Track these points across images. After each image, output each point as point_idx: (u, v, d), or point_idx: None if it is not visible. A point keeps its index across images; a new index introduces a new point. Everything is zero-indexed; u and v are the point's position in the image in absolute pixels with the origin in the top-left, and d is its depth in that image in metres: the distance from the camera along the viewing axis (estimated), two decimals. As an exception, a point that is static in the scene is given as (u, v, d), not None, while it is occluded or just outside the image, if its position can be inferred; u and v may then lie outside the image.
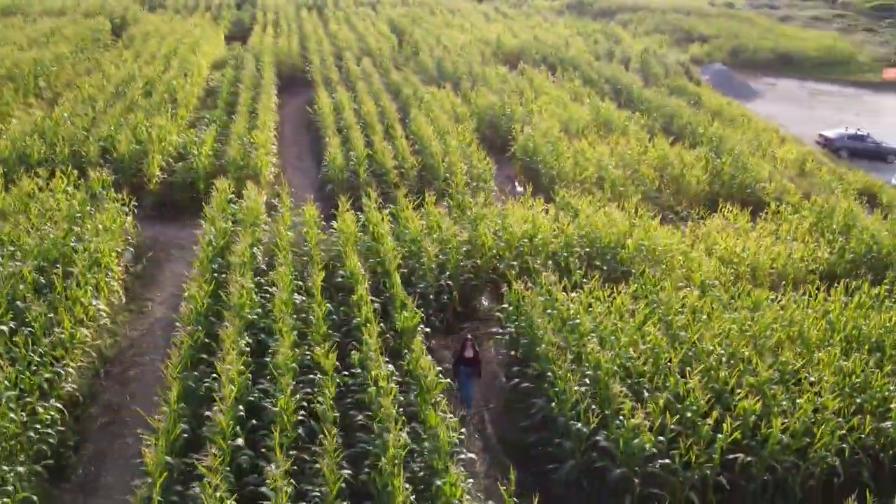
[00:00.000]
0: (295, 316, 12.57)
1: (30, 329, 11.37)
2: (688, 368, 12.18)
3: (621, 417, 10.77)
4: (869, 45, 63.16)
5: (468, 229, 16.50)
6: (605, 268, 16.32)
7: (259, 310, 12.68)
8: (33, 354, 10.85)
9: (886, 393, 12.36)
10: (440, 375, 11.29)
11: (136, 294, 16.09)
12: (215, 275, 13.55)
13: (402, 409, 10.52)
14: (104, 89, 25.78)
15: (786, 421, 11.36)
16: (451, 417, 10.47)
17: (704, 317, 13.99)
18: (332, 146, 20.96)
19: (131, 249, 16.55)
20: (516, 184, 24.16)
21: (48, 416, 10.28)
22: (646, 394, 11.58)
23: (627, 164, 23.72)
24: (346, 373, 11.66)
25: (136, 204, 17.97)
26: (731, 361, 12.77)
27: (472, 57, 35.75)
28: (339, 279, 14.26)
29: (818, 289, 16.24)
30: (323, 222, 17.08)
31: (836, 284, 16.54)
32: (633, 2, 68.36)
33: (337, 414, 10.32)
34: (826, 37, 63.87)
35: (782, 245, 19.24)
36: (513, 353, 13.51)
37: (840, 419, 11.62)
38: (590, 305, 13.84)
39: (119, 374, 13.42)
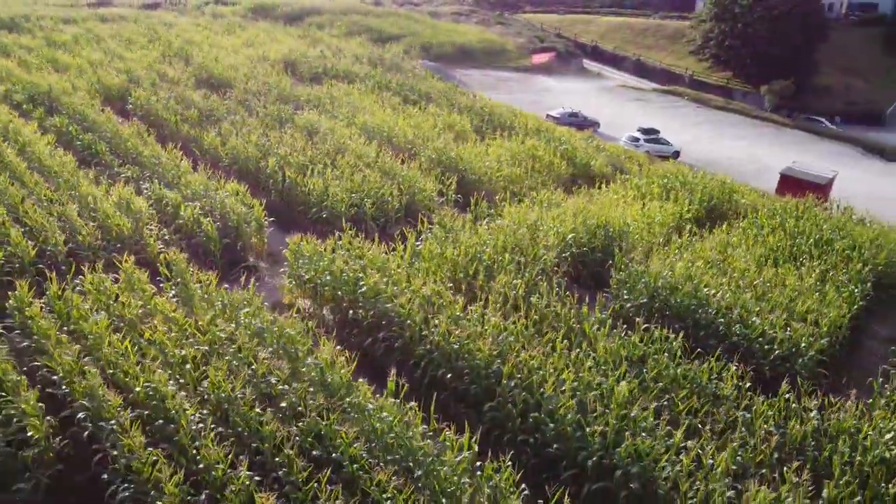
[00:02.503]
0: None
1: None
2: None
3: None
4: (508, 35, 76.80)
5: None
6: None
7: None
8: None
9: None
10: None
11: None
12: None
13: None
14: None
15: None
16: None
17: (721, 259, 19.81)
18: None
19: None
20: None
21: None
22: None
23: (511, 160, 28.30)
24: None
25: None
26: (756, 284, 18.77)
27: (279, 77, 35.95)
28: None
29: (723, 230, 23.42)
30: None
31: (707, 228, 23.95)
32: (309, 4, 71.55)
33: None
34: (476, 31, 75.65)
35: (660, 204, 26.12)
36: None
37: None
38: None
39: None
